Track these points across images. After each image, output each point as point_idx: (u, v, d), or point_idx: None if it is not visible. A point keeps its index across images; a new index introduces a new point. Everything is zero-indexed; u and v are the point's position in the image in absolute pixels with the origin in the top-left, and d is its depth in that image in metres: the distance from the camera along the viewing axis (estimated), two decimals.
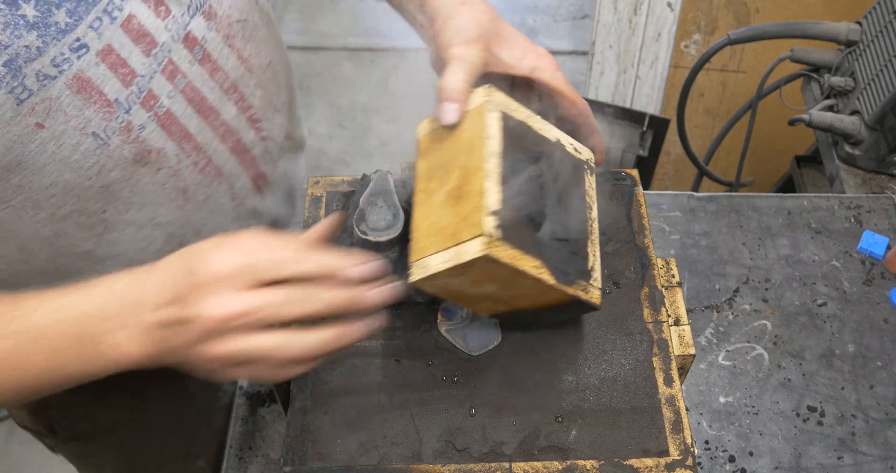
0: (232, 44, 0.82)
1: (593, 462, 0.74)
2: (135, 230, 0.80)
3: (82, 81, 0.69)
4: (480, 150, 0.68)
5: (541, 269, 0.68)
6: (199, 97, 0.80)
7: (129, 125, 0.74)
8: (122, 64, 0.71)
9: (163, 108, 0.76)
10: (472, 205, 0.66)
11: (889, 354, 1.03)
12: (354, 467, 0.74)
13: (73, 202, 0.74)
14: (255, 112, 0.87)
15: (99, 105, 0.71)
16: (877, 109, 1.26)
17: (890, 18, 1.29)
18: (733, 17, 1.96)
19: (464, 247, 0.66)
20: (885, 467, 0.94)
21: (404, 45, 2.97)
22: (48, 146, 0.69)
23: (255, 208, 0.93)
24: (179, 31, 0.75)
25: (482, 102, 0.70)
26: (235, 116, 0.85)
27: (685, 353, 0.82)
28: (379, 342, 0.82)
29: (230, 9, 0.81)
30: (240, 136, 0.86)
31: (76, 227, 0.75)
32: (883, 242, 1.13)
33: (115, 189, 0.76)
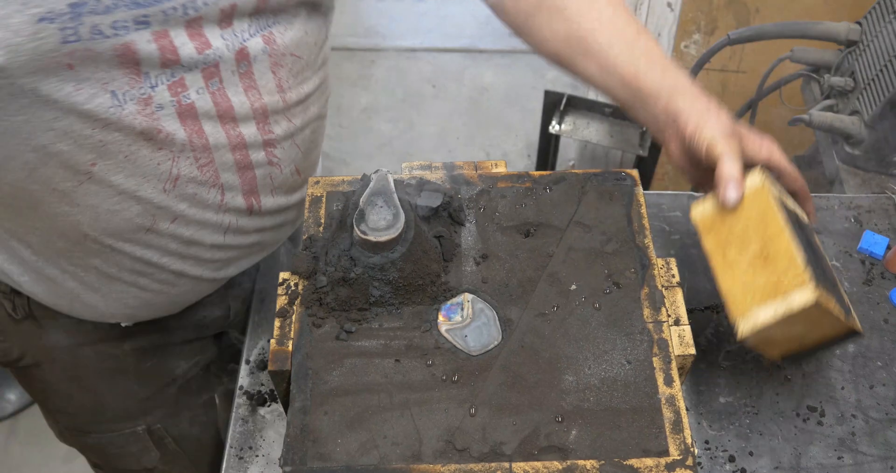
0: (276, 72, 0.86)
1: (593, 462, 0.74)
2: (113, 193, 0.82)
3: (128, 50, 0.73)
4: (775, 219, 0.81)
5: (838, 309, 0.81)
6: (227, 104, 0.83)
7: (149, 100, 0.77)
8: (172, 50, 0.75)
9: (188, 99, 0.79)
10: (785, 263, 0.78)
11: (889, 354, 1.03)
12: (354, 467, 0.74)
13: (69, 143, 0.76)
14: (273, 138, 0.90)
15: (129, 70, 0.74)
16: (877, 109, 1.26)
17: (890, 18, 1.29)
18: (733, 17, 1.97)
19: (791, 297, 0.77)
20: (885, 467, 0.94)
21: (404, 45, 2.98)
22: (67, 86, 0.72)
23: (239, 226, 0.95)
24: (236, 44, 0.80)
25: (761, 183, 0.83)
26: (253, 134, 0.87)
27: (685, 353, 0.82)
28: (379, 342, 0.82)
29: (290, 43, 0.85)
30: (249, 153, 0.88)
31: (62, 166, 0.78)
32: (883, 242, 1.12)
33: (111, 149, 0.78)
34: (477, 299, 0.85)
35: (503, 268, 0.87)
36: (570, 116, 2.10)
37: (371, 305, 0.83)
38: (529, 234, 0.89)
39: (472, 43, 2.98)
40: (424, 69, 2.91)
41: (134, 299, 0.98)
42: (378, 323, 0.83)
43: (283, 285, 0.86)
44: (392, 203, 0.81)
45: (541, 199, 0.92)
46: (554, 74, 2.88)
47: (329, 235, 0.87)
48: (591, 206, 0.91)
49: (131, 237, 0.88)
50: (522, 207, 0.91)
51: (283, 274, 0.86)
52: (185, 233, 0.90)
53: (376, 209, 0.81)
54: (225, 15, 0.77)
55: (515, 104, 2.79)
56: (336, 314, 0.83)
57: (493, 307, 0.84)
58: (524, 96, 2.78)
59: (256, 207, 0.94)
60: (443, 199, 0.88)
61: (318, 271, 0.84)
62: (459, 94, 2.85)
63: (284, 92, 0.88)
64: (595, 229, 0.89)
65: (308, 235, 0.89)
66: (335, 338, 0.82)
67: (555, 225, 0.90)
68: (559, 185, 0.93)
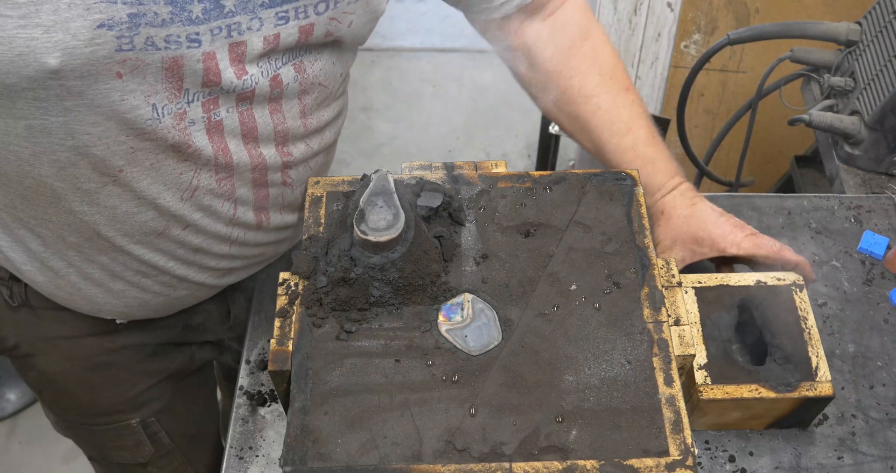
0: (302, 98, 0.89)
1: (593, 462, 0.74)
2: (134, 197, 0.84)
3: (176, 65, 0.75)
4: None
5: (759, 390, 0.89)
6: (252, 125, 0.85)
7: (184, 114, 0.79)
8: (216, 72, 0.78)
9: (217, 116, 0.82)
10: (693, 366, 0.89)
11: (889, 354, 1.03)
12: (354, 467, 0.74)
13: (102, 148, 0.78)
14: (290, 161, 0.92)
15: (172, 85, 0.76)
16: (877, 109, 1.26)
17: (890, 18, 1.29)
18: (733, 17, 1.96)
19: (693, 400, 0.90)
20: (885, 467, 0.94)
21: (404, 45, 2.97)
22: (113, 94, 0.74)
23: (246, 239, 0.97)
24: (270, 71, 0.83)
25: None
26: (273, 155, 0.90)
27: (685, 353, 0.82)
28: (379, 342, 0.82)
29: (319, 72, 0.88)
30: (267, 173, 0.91)
31: (91, 167, 0.80)
32: (883, 242, 1.12)
33: (140, 157, 0.80)
34: (477, 299, 0.85)
35: (503, 268, 0.87)
36: None
37: (371, 305, 0.83)
38: (529, 234, 0.89)
39: (472, 43, 2.97)
40: (424, 69, 2.91)
41: (133, 298, 0.99)
42: (378, 323, 0.83)
43: (283, 285, 0.86)
44: (392, 203, 0.81)
45: (541, 199, 0.92)
46: None
47: (329, 235, 0.87)
48: (591, 206, 0.91)
49: (142, 240, 0.90)
50: (522, 207, 0.91)
51: (283, 274, 0.86)
52: (195, 241, 0.92)
53: (376, 209, 0.81)
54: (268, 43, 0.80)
55: (515, 104, 2.78)
56: (336, 314, 0.83)
57: (493, 307, 0.84)
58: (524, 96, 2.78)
59: (265, 222, 0.97)
60: (443, 199, 0.88)
61: (318, 271, 0.84)
62: (459, 94, 2.85)
63: (306, 117, 0.91)
64: (595, 229, 0.89)
65: (308, 235, 0.89)
66: (335, 338, 0.82)
67: (555, 225, 0.90)
68: (559, 185, 0.93)
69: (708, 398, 0.88)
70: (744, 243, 0.96)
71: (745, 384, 0.89)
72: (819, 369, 0.90)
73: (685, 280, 0.95)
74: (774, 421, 0.94)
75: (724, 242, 0.96)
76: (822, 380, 0.89)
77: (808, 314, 0.94)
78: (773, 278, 0.95)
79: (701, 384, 0.89)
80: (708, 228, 0.97)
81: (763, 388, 0.89)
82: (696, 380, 0.89)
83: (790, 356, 0.91)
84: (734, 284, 0.95)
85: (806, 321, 0.93)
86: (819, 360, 0.91)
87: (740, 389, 0.89)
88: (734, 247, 0.96)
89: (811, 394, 0.89)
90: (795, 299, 0.94)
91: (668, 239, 0.98)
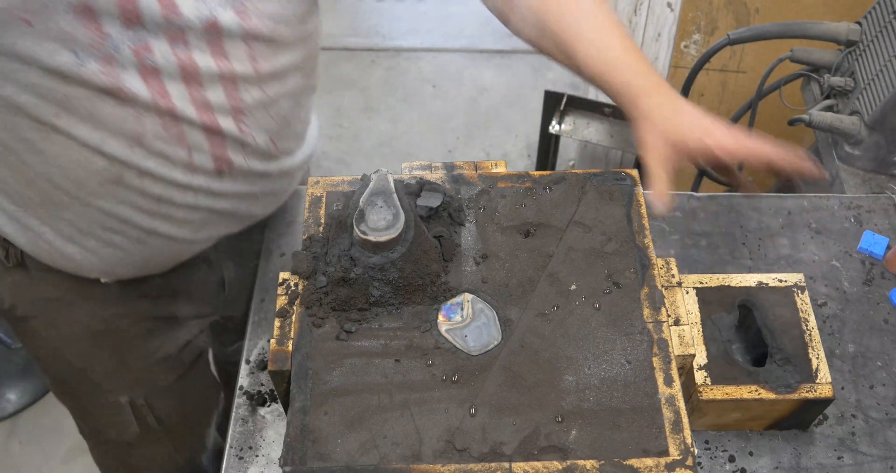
0: (249, 43, 0.85)
1: (593, 462, 0.74)
2: (78, 146, 0.83)
3: (87, 8, 0.73)
4: None
5: (758, 391, 0.89)
6: (194, 68, 0.83)
7: (111, 60, 0.77)
8: (134, 13, 0.75)
9: (152, 61, 0.80)
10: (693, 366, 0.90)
11: (889, 354, 1.03)
12: (354, 467, 0.74)
13: (32, 95, 0.77)
14: (242, 106, 0.89)
15: (92, 31, 0.75)
16: (877, 109, 1.26)
17: (890, 18, 1.29)
18: (733, 17, 1.96)
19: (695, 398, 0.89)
20: (885, 467, 0.94)
21: (404, 45, 2.97)
22: (26, 41, 0.73)
23: (210, 188, 0.94)
24: (206, 13, 0.79)
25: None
26: (220, 98, 0.87)
27: (685, 353, 0.82)
28: (379, 342, 0.82)
29: (267, 16, 0.85)
30: (217, 118, 0.88)
31: (27, 116, 0.79)
32: (883, 242, 1.12)
33: (74, 104, 0.79)
34: (477, 299, 0.85)
35: (503, 268, 0.87)
36: (570, 116, 2.09)
37: (371, 305, 0.83)
38: (529, 234, 0.89)
39: (472, 43, 2.97)
40: (424, 69, 2.91)
41: (110, 254, 0.98)
42: (378, 323, 0.83)
43: (283, 285, 0.86)
44: (392, 203, 0.81)
45: (541, 199, 0.92)
46: (554, 74, 2.88)
47: (329, 235, 0.87)
48: (591, 206, 0.91)
49: (99, 191, 0.89)
50: (522, 207, 0.91)
51: (283, 274, 0.86)
52: (155, 190, 0.90)
53: (376, 209, 0.81)
54: None
55: (515, 104, 2.78)
56: (336, 314, 0.83)
57: (493, 306, 0.84)
58: (524, 96, 2.78)
59: (227, 170, 0.94)
60: (443, 199, 0.88)
61: (318, 271, 0.84)
62: (459, 94, 2.85)
63: (257, 62, 0.87)
64: (595, 229, 0.89)
65: (308, 235, 0.89)
66: (335, 338, 0.82)
67: (555, 225, 0.90)
68: (559, 185, 0.93)
69: (708, 398, 0.88)
70: (726, 141, 0.89)
71: (745, 385, 0.89)
72: (819, 370, 0.90)
73: (686, 281, 0.95)
74: (774, 423, 0.94)
75: (708, 138, 0.89)
76: (822, 382, 0.90)
77: (809, 315, 0.94)
78: (775, 280, 0.95)
79: (701, 384, 0.89)
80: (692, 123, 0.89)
81: (763, 389, 0.89)
82: (696, 380, 0.89)
83: (790, 357, 0.91)
84: (735, 284, 0.95)
85: (807, 323, 0.93)
86: (819, 362, 0.91)
87: (740, 390, 0.89)
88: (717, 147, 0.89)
89: (811, 396, 0.89)
90: (797, 300, 0.94)
91: (651, 137, 0.90)
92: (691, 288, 0.94)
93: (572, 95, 2.09)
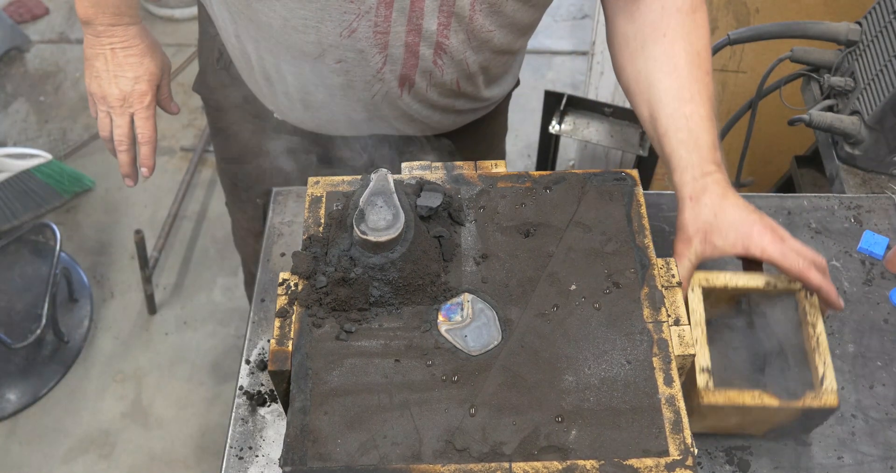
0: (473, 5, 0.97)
1: (593, 462, 0.74)
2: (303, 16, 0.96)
3: None
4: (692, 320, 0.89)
5: (761, 397, 0.86)
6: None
7: None
8: None
9: None
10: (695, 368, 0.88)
11: (889, 354, 1.03)
12: (354, 467, 0.74)
13: None
14: (445, 44, 1.01)
15: None
16: (877, 109, 1.26)
17: (890, 18, 1.29)
18: (733, 17, 1.96)
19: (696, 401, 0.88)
20: (885, 467, 0.94)
21: None
22: None
23: (386, 98, 1.08)
24: None
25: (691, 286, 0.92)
26: (431, 29, 0.98)
27: (685, 353, 0.82)
28: (379, 342, 0.82)
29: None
30: (420, 44, 1.00)
31: None
32: (883, 242, 1.12)
33: None
34: (477, 299, 0.85)
35: (503, 268, 0.87)
36: (570, 116, 2.09)
37: (371, 305, 0.83)
38: (529, 234, 0.89)
39: None
40: None
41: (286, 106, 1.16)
42: (378, 323, 0.83)
43: (283, 285, 0.86)
44: (392, 203, 0.81)
45: (541, 199, 0.92)
46: (554, 74, 2.88)
47: (329, 235, 0.87)
48: (591, 206, 0.91)
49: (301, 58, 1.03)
50: (522, 207, 0.91)
51: (283, 274, 0.86)
52: (343, 78, 1.04)
53: (376, 209, 0.81)
54: None
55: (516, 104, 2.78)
56: (336, 314, 0.83)
57: (493, 307, 0.84)
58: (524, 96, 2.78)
59: (408, 88, 1.07)
60: (443, 199, 0.88)
61: (318, 271, 0.84)
62: None
63: (475, 12, 0.97)
64: (595, 229, 0.89)
65: (308, 235, 0.89)
66: (335, 338, 0.82)
67: (555, 225, 0.90)
68: (559, 185, 0.93)
69: (709, 403, 0.87)
70: (769, 249, 0.89)
71: (748, 390, 0.87)
72: (826, 378, 0.87)
73: (693, 279, 0.92)
74: (774, 428, 0.93)
75: (748, 241, 0.89)
76: (827, 391, 0.87)
77: (818, 320, 0.90)
78: (785, 282, 0.92)
79: (703, 387, 0.87)
80: (735, 224, 0.90)
81: (766, 395, 0.86)
82: (697, 384, 0.87)
83: (795, 363, 0.90)
84: (742, 285, 0.92)
85: (814, 328, 0.90)
86: (826, 368, 0.88)
87: (742, 395, 0.86)
88: (758, 250, 0.89)
89: (815, 404, 0.86)
90: (805, 304, 0.91)
91: (691, 228, 0.91)
92: (697, 286, 0.92)
93: (572, 95, 2.09)
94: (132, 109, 1.21)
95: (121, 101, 1.20)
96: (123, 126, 1.21)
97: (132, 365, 2.21)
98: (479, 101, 1.19)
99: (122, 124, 1.21)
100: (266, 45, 1.04)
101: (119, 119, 1.21)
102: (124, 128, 1.21)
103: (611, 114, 2.08)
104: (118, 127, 1.21)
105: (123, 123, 1.21)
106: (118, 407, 2.14)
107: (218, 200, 2.53)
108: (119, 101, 1.20)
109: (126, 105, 1.20)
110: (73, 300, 2.25)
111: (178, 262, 2.41)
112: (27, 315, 2.15)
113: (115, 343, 2.25)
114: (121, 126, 1.21)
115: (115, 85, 1.19)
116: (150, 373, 2.20)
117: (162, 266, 2.39)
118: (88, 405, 2.14)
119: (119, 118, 1.21)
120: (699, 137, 0.94)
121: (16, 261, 2.25)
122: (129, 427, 2.10)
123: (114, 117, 1.21)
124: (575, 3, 3.11)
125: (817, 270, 0.89)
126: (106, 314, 2.30)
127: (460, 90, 1.11)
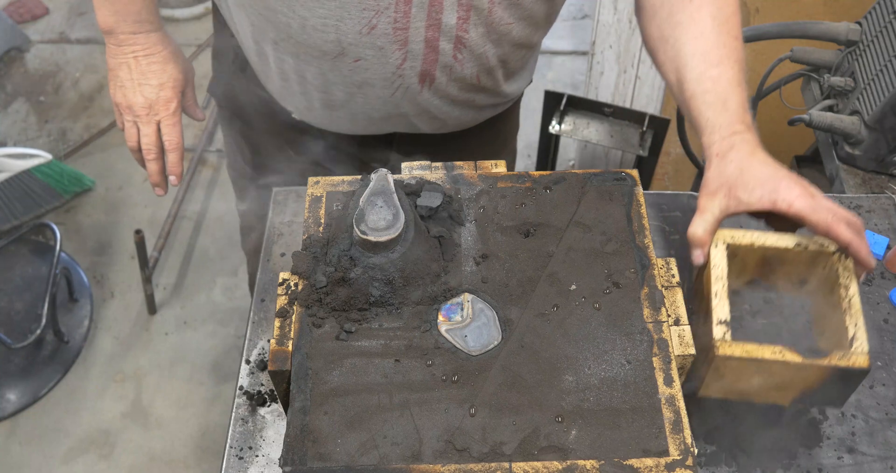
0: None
1: (593, 462, 0.74)
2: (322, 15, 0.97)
3: None
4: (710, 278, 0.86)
5: (783, 352, 0.81)
6: None
7: None
8: None
9: None
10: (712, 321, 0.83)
11: (889, 354, 1.03)
12: (354, 467, 0.74)
13: None
14: (465, 38, 1.01)
15: None
16: (877, 109, 1.26)
17: (890, 18, 1.29)
18: None
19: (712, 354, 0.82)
20: (885, 467, 0.94)
21: None
22: None
23: (407, 93, 1.07)
24: None
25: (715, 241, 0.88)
26: (451, 24, 0.98)
27: (685, 353, 0.82)
28: (379, 342, 0.82)
29: None
30: (440, 38, 1.00)
31: None
32: (883, 242, 1.12)
33: None
34: (477, 299, 0.85)
35: (503, 268, 0.87)
36: (570, 116, 2.09)
37: (371, 305, 0.83)
38: (529, 234, 0.89)
39: None
40: None
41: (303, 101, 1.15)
42: (378, 323, 0.83)
43: (283, 285, 0.86)
44: (392, 203, 0.81)
45: (541, 199, 0.92)
46: (554, 74, 2.88)
47: (329, 235, 0.87)
48: (591, 206, 0.91)
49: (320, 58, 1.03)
50: (522, 207, 0.91)
51: (283, 274, 0.86)
52: (361, 76, 1.04)
53: (376, 209, 0.81)
54: None
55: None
56: (336, 314, 0.83)
57: (493, 306, 0.84)
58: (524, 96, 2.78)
59: (428, 84, 1.06)
60: (443, 199, 0.88)
61: (317, 272, 0.84)
62: None
63: (494, 4, 0.98)
64: (595, 229, 0.89)
65: (308, 235, 0.89)
66: (335, 338, 0.82)
67: (555, 225, 0.90)
68: (559, 185, 0.93)
69: (725, 354, 0.80)
70: (797, 203, 0.84)
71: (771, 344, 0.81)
72: (857, 339, 0.81)
73: (718, 235, 0.88)
74: (801, 395, 0.85)
75: (774, 195, 0.85)
76: (857, 351, 0.80)
77: (851, 282, 0.85)
78: (817, 243, 0.86)
79: (719, 339, 0.81)
80: (762, 179, 0.86)
81: (788, 351, 0.80)
82: (713, 336, 0.81)
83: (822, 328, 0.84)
84: (771, 244, 0.87)
85: (847, 290, 0.84)
86: (857, 330, 0.81)
87: (762, 349, 0.80)
88: (785, 204, 0.84)
89: (843, 364, 0.80)
90: (838, 266, 0.86)
91: (715, 183, 0.88)
92: (721, 242, 0.87)
93: (572, 95, 2.09)
94: (158, 116, 1.19)
95: (147, 109, 1.18)
96: (151, 134, 1.19)
97: (132, 365, 2.21)
98: (498, 96, 1.19)
99: (150, 133, 1.19)
100: (285, 45, 1.04)
101: (146, 128, 1.19)
102: (152, 136, 1.19)
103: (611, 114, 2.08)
104: (145, 135, 1.19)
105: (150, 132, 1.19)
106: (118, 407, 2.14)
107: (218, 200, 2.54)
108: (145, 109, 1.18)
109: (152, 113, 1.19)
110: (73, 300, 2.25)
111: (178, 262, 2.41)
112: (27, 315, 2.15)
113: (115, 343, 2.25)
114: (148, 135, 1.19)
115: (140, 93, 1.18)
116: (150, 373, 2.20)
117: (162, 266, 2.39)
118: (88, 405, 2.13)
119: (146, 127, 1.19)
120: (727, 98, 0.92)
121: (16, 261, 2.25)
122: (129, 427, 2.10)
123: (140, 126, 1.19)
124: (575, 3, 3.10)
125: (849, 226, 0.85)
126: (106, 314, 2.30)
127: (480, 84, 1.11)
